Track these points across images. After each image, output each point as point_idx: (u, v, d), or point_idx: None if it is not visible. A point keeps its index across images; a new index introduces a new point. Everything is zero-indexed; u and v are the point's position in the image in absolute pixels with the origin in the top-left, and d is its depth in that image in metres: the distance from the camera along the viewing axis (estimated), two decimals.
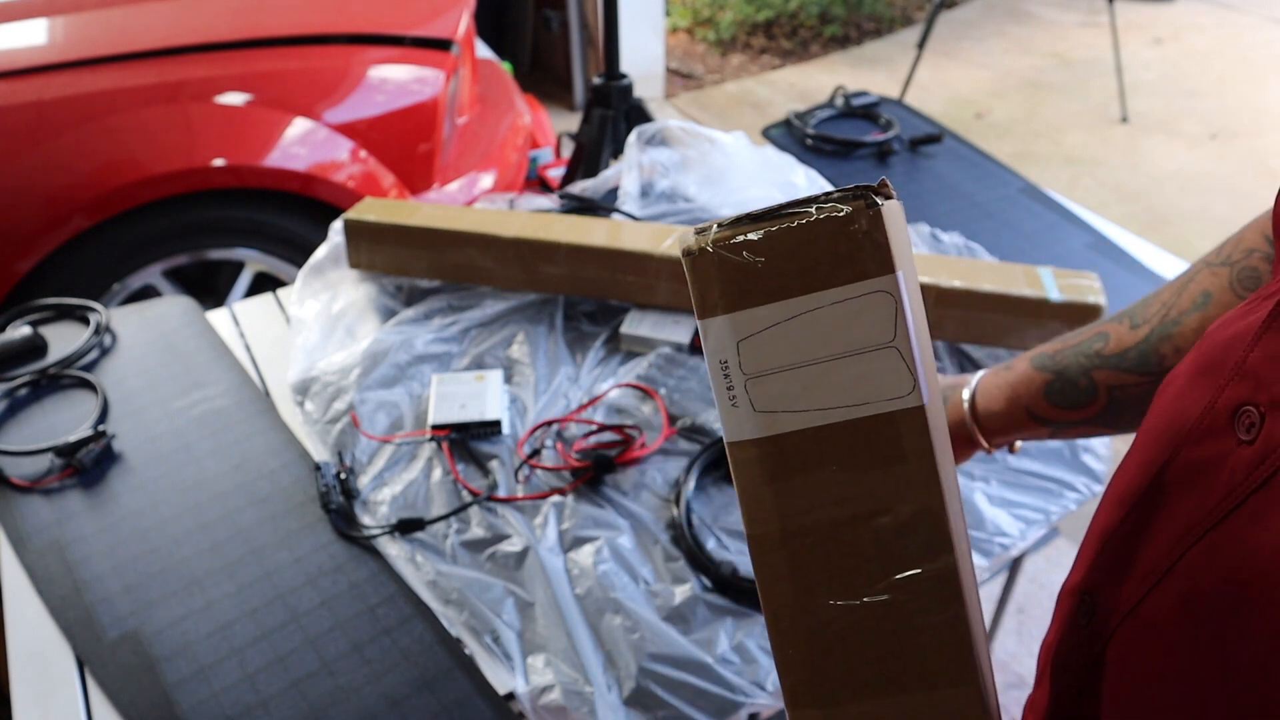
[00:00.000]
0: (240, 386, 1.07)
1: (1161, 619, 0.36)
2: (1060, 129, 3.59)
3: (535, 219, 1.15)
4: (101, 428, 0.99)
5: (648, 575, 0.83)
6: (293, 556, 0.86)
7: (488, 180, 2.03)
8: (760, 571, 0.39)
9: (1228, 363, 0.37)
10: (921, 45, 3.37)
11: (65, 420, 1.02)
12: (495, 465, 0.94)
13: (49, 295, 1.47)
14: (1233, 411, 0.36)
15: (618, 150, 1.71)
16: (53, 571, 0.85)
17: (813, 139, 1.58)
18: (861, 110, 1.66)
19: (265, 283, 1.84)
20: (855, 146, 1.56)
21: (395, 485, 0.93)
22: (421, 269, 1.17)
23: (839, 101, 1.69)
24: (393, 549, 0.86)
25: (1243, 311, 0.39)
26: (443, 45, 1.93)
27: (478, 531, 0.87)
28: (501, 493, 0.91)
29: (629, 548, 0.85)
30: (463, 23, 1.99)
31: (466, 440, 0.97)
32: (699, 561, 0.83)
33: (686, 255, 0.37)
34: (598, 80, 1.73)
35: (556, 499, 0.90)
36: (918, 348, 0.36)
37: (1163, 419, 0.41)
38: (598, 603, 0.80)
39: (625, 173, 1.31)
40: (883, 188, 0.36)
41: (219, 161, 1.71)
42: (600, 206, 1.29)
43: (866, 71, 4.19)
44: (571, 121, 3.48)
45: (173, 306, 1.23)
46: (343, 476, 0.92)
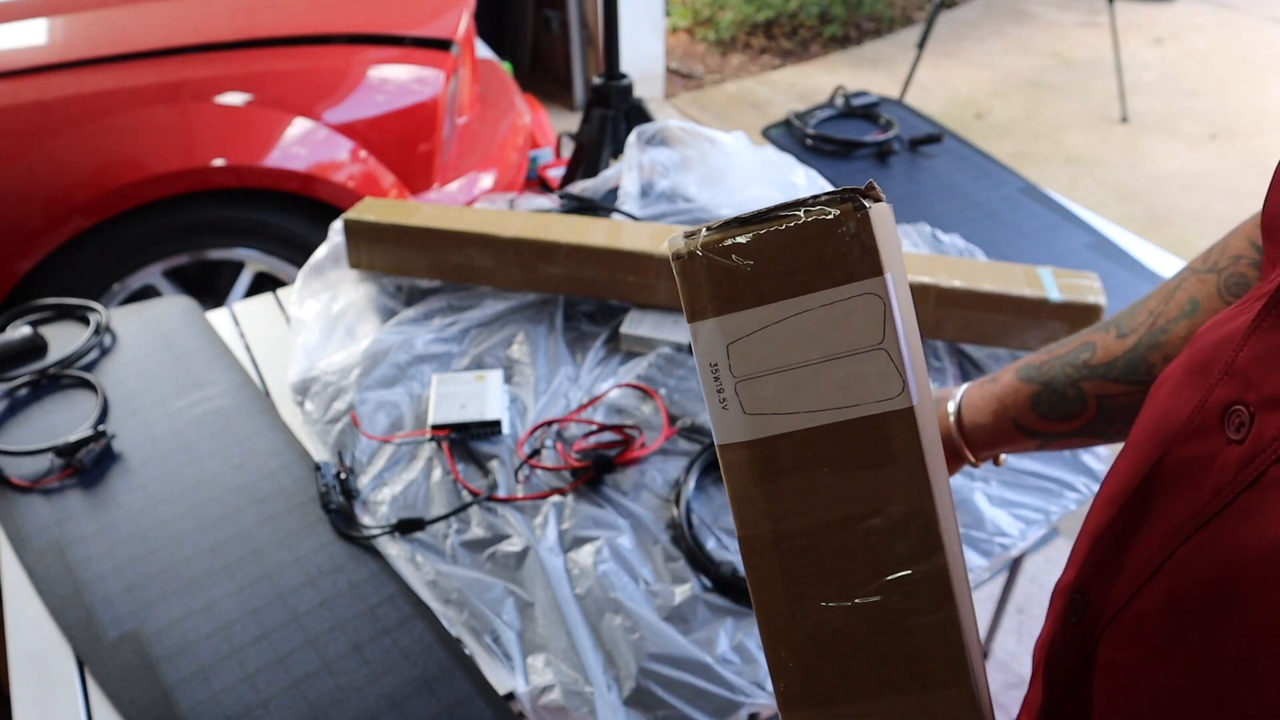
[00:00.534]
0: (240, 386, 1.07)
1: (1150, 617, 0.37)
2: (1060, 129, 3.59)
3: (535, 219, 1.15)
4: (101, 428, 0.99)
5: (648, 575, 0.83)
6: (293, 556, 0.86)
7: (488, 180, 2.02)
8: (752, 573, 0.39)
9: (1218, 363, 0.37)
10: (921, 45, 3.37)
11: (65, 420, 1.02)
12: (495, 465, 0.94)
13: (49, 295, 1.48)
14: (1222, 411, 0.36)
15: (618, 150, 1.71)
16: (53, 571, 0.85)
17: (813, 139, 1.58)
18: (861, 110, 1.66)
19: (265, 283, 1.84)
20: (855, 146, 1.56)
21: (395, 485, 0.93)
22: (421, 269, 1.17)
23: (839, 101, 1.69)
24: (393, 549, 0.86)
25: (1233, 313, 0.39)
26: (443, 45, 1.93)
27: (478, 531, 0.87)
28: (501, 493, 0.91)
29: (629, 548, 0.85)
30: (463, 23, 1.99)
31: (466, 440, 0.97)
32: (699, 561, 0.83)
33: (676, 259, 0.37)
34: (598, 80, 1.73)
35: (556, 499, 0.90)
36: (907, 349, 0.36)
37: (1154, 418, 0.41)
38: (598, 603, 0.80)
39: (625, 173, 1.31)
40: (870, 190, 0.36)
41: (219, 161, 1.71)
42: (600, 206, 1.29)
43: (866, 71, 4.19)
44: (571, 121, 3.48)
45: (173, 306, 1.23)
46: (343, 476, 0.92)
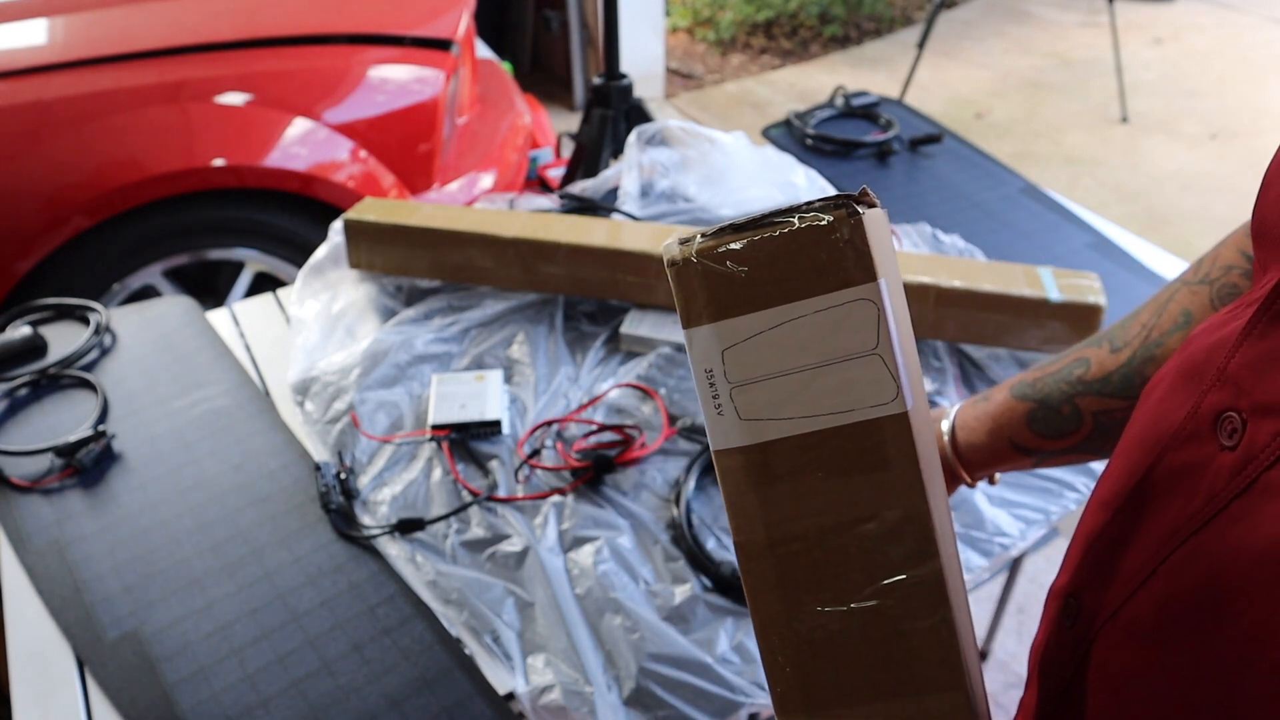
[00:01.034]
0: (240, 386, 1.07)
1: (1143, 622, 0.37)
2: (1060, 129, 3.59)
3: (535, 219, 1.15)
4: (101, 428, 0.99)
5: (648, 575, 0.83)
6: (293, 556, 0.86)
7: (488, 180, 2.02)
8: (748, 578, 0.39)
9: (1210, 369, 0.37)
10: (921, 45, 3.37)
11: (65, 420, 1.02)
12: (495, 465, 0.94)
13: (49, 295, 1.47)
14: (1215, 417, 0.36)
15: (618, 150, 1.71)
16: (53, 571, 0.85)
17: (813, 139, 1.58)
18: (861, 110, 1.66)
19: (265, 283, 1.84)
20: (855, 146, 1.56)
21: (395, 485, 0.93)
22: (421, 269, 1.17)
23: (839, 101, 1.69)
24: (393, 549, 0.86)
25: (1225, 318, 0.39)
26: (443, 45, 1.93)
27: (478, 531, 0.87)
28: (501, 493, 0.91)
29: (629, 548, 0.85)
30: (463, 23, 1.99)
31: (466, 440, 0.97)
32: (699, 561, 0.83)
33: (671, 265, 0.37)
34: (598, 80, 1.73)
35: (556, 499, 0.90)
36: (901, 354, 0.36)
37: (1146, 424, 0.41)
38: (598, 603, 0.80)
39: (625, 173, 1.31)
40: (864, 196, 0.36)
41: (219, 161, 1.71)
42: (600, 206, 1.29)
43: (866, 71, 4.19)
44: (571, 121, 3.48)
45: (173, 306, 1.23)
46: (343, 476, 0.92)
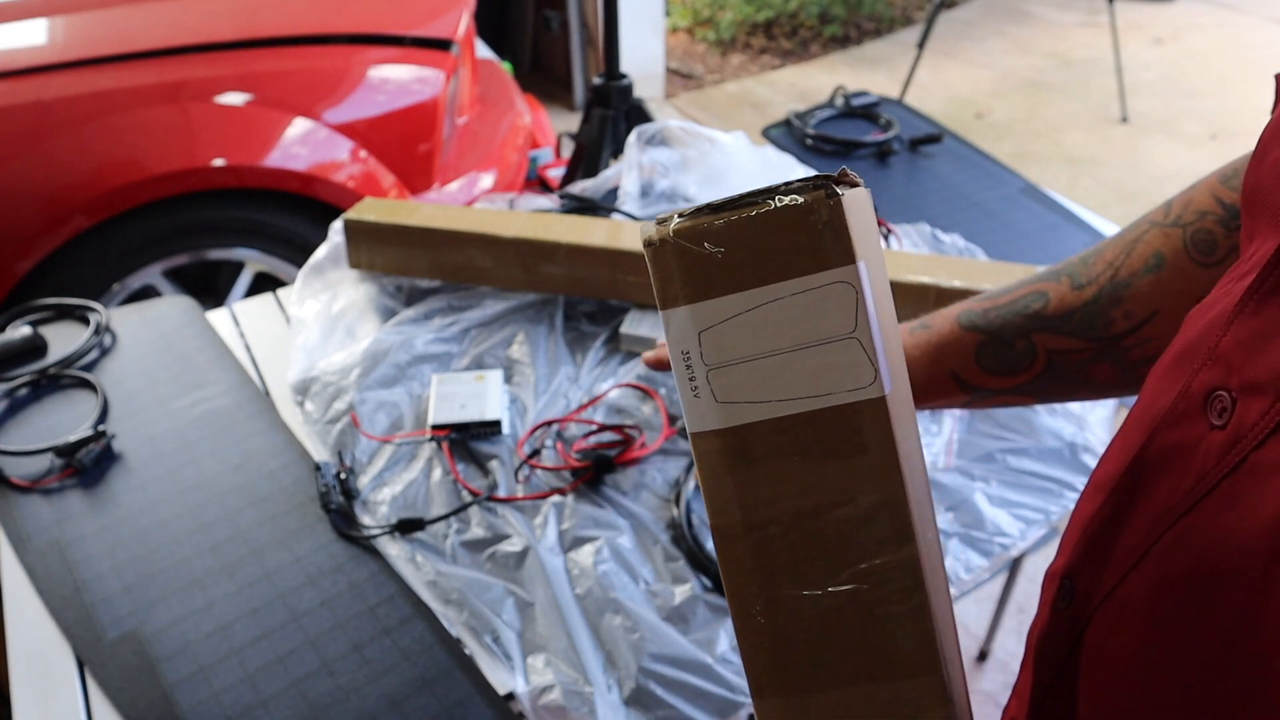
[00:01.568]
0: (240, 386, 1.07)
1: (1135, 603, 0.37)
2: (1060, 129, 3.59)
3: (535, 219, 1.15)
4: (101, 428, 0.99)
5: (648, 575, 0.83)
6: (293, 556, 0.86)
7: (488, 180, 2.02)
8: (724, 563, 0.39)
9: (1202, 348, 0.37)
10: (921, 45, 3.37)
11: (65, 420, 1.02)
12: (495, 465, 0.94)
13: (49, 295, 1.47)
14: (1205, 396, 0.36)
15: (618, 150, 1.71)
16: (53, 571, 0.85)
17: (813, 139, 1.58)
18: (861, 110, 1.66)
19: (265, 283, 1.84)
20: (855, 146, 1.56)
21: (395, 485, 0.93)
22: (421, 269, 1.17)
23: (839, 101, 1.69)
24: (393, 549, 0.86)
25: (1219, 295, 0.39)
26: (443, 45, 1.93)
27: (478, 531, 0.87)
28: (501, 493, 0.91)
29: (629, 548, 0.85)
30: (463, 23, 1.99)
31: (466, 440, 0.97)
32: (699, 561, 0.83)
33: (648, 246, 0.37)
34: (598, 80, 1.73)
35: (556, 499, 0.90)
36: (880, 338, 0.36)
37: (1142, 405, 0.41)
38: (598, 603, 0.80)
39: (625, 173, 1.31)
40: (845, 177, 0.36)
41: (219, 161, 1.71)
42: (600, 206, 1.29)
43: (866, 71, 4.19)
44: (571, 121, 3.48)
45: (173, 306, 1.23)
46: (343, 476, 0.92)
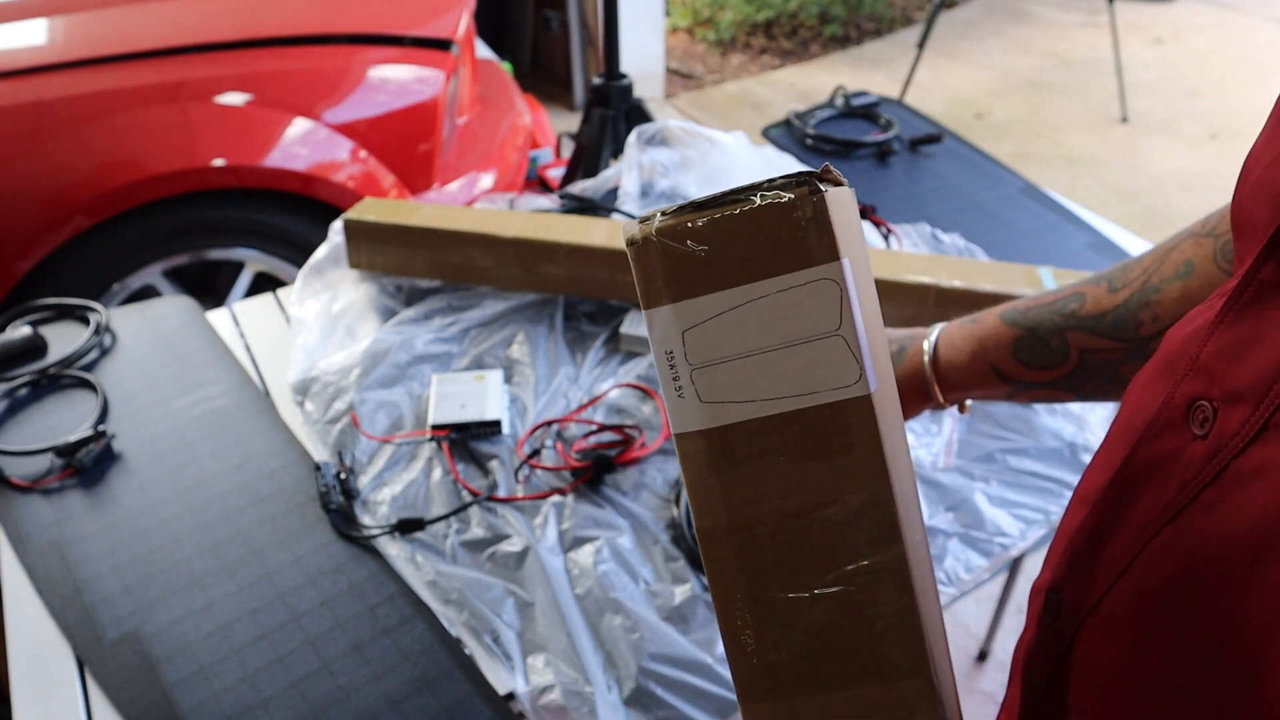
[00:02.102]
0: (240, 386, 1.07)
1: (1120, 614, 0.37)
2: (1060, 129, 3.59)
3: (535, 219, 1.15)
4: (101, 428, 0.99)
5: (648, 575, 0.83)
6: (293, 556, 0.86)
7: (488, 180, 2.02)
8: (710, 564, 0.38)
9: (1184, 358, 0.37)
10: (921, 45, 3.37)
11: (65, 420, 1.02)
12: (495, 465, 0.94)
13: (49, 295, 1.47)
14: (1187, 406, 0.36)
15: (618, 150, 1.71)
16: (53, 571, 0.85)
17: (813, 139, 1.58)
18: (861, 110, 1.66)
19: (265, 283, 1.84)
20: (855, 146, 1.56)
21: (395, 485, 0.93)
22: (421, 269, 1.17)
23: (839, 101, 1.69)
24: (393, 549, 0.86)
25: (1202, 308, 0.39)
26: (443, 45, 1.93)
27: (478, 531, 0.87)
28: (501, 493, 0.91)
29: (629, 548, 0.85)
30: (463, 23, 1.99)
31: (466, 440, 0.97)
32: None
33: (630, 245, 0.36)
34: (598, 80, 1.73)
35: (556, 499, 0.90)
36: (865, 336, 0.35)
37: (1125, 416, 0.41)
38: (598, 603, 0.80)
39: (625, 173, 1.31)
40: (828, 174, 0.36)
41: (219, 161, 1.71)
42: (600, 206, 1.29)
43: (866, 71, 4.19)
44: (571, 121, 3.48)
45: (173, 306, 1.23)
46: (343, 476, 0.92)
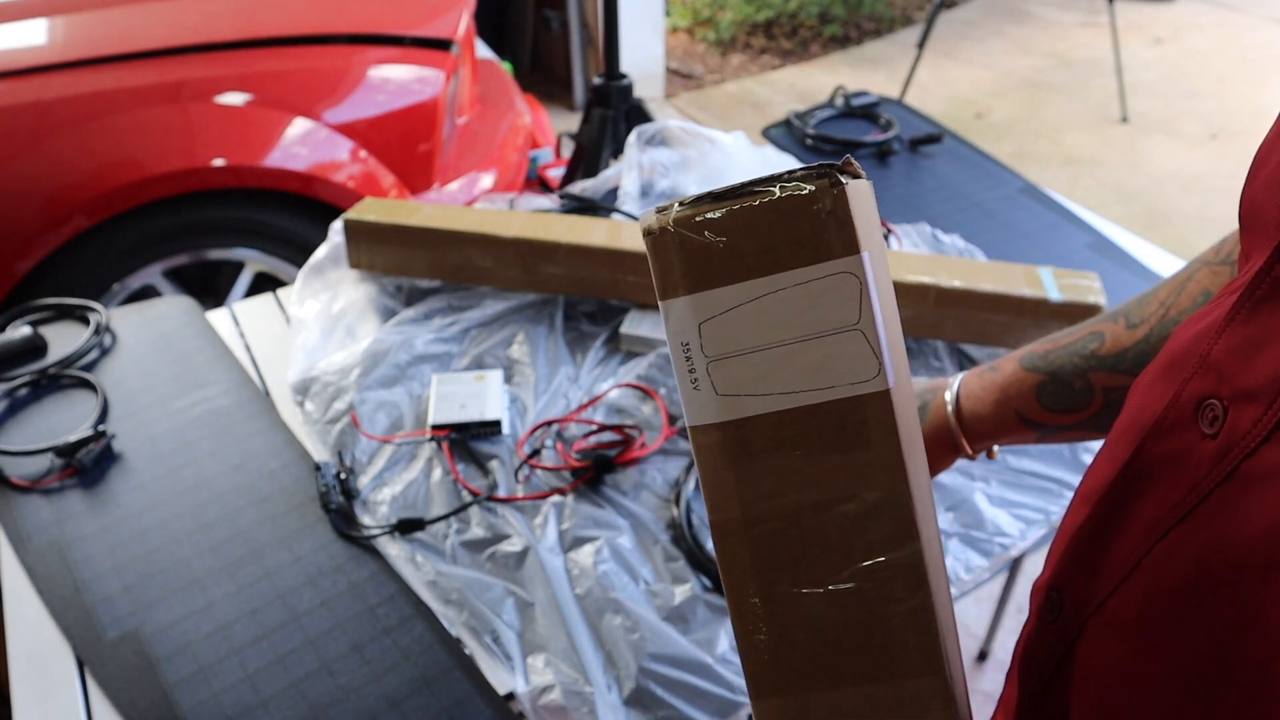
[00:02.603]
0: (240, 386, 1.07)
1: (1127, 615, 0.36)
2: (1060, 129, 3.59)
3: (535, 219, 1.15)
4: (101, 428, 0.99)
5: (648, 575, 0.83)
6: (293, 556, 0.86)
7: (488, 180, 2.02)
8: (723, 558, 0.38)
9: (1192, 357, 0.37)
10: (921, 45, 3.37)
11: (65, 420, 1.02)
12: (495, 465, 0.94)
13: (49, 295, 1.47)
14: (1196, 405, 0.35)
15: (618, 150, 1.71)
16: (53, 571, 0.85)
17: (813, 139, 1.58)
18: (861, 110, 1.66)
19: (265, 283, 1.84)
20: (855, 146, 1.56)
21: (395, 485, 0.93)
22: (421, 269, 1.17)
23: (839, 101, 1.69)
24: (393, 549, 0.86)
25: (1209, 307, 0.38)
26: (443, 45, 1.93)
27: (478, 531, 0.87)
28: (501, 493, 0.91)
29: (629, 548, 0.85)
30: (463, 23, 1.99)
31: (466, 440, 0.97)
32: (699, 561, 0.83)
33: (647, 235, 0.36)
34: (598, 80, 1.73)
35: (556, 499, 0.90)
36: (884, 331, 0.35)
37: (1130, 415, 0.41)
38: (598, 603, 0.80)
39: (625, 173, 1.31)
40: (848, 166, 0.35)
41: (219, 161, 1.71)
42: (600, 206, 1.29)
43: (866, 71, 4.19)
44: (571, 121, 3.48)
45: (173, 306, 1.23)
46: (343, 476, 0.92)
